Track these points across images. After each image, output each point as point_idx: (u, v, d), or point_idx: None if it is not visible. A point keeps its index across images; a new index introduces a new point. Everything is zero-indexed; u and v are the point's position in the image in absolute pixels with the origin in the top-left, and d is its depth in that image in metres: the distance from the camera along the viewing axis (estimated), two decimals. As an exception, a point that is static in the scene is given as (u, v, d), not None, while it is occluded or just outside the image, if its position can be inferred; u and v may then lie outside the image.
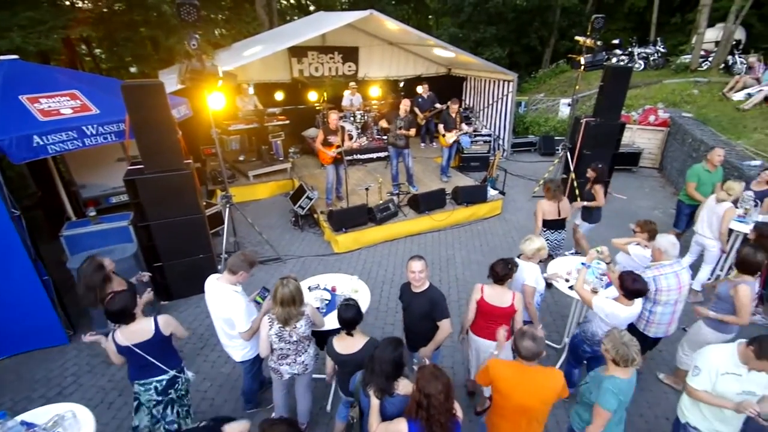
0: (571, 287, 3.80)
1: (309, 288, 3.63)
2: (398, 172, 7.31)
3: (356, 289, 3.60)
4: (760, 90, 8.74)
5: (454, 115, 7.57)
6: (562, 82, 15.18)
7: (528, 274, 3.32)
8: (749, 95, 8.90)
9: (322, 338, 3.04)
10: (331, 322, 3.14)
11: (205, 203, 6.11)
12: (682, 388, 2.59)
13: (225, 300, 2.99)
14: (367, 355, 2.39)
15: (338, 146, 6.09)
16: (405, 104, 6.77)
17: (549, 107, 12.60)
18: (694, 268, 4.96)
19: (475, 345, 3.25)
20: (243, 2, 13.71)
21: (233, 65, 6.26)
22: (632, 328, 3.47)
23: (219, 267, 5.27)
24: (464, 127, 7.82)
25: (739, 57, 12.06)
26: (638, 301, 3.05)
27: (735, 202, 4.71)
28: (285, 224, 7.02)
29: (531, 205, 7.72)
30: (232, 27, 12.19)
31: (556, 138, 10.27)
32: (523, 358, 2.31)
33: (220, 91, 5.00)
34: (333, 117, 6.01)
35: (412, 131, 6.77)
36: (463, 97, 11.19)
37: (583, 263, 3.49)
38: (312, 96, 8.42)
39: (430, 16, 24.62)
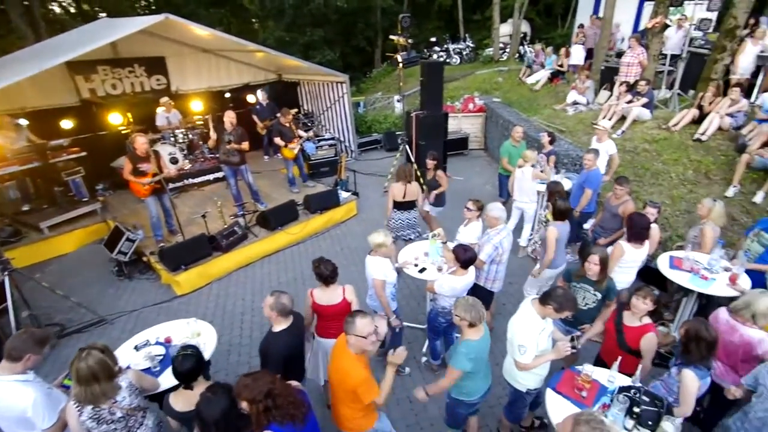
0: (421, 271, 4.25)
1: (135, 347, 3.19)
2: (240, 191, 7.00)
3: (198, 332, 3.31)
4: (544, 74, 11.17)
5: (288, 124, 7.58)
6: (395, 80, 16.64)
7: (375, 268, 3.57)
8: (538, 79, 11.28)
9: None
10: (171, 378, 2.83)
11: (-29, 276, 4.81)
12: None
13: (8, 396, 2.40)
14: (219, 408, 2.22)
15: (154, 174, 5.49)
16: (229, 116, 6.49)
17: (386, 105, 13.71)
18: (518, 229, 6.12)
19: (321, 347, 3.38)
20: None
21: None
22: (479, 289, 4.08)
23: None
24: (302, 133, 7.92)
25: (528, 47, 15.22)
26: (471, 269, 3.60)
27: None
28: (106, 277, 6.06)
29: (385, 201, 8.31)
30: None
31: (397, 133, 11.24)
32: None
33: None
34: (140, 141, 5.37)
35: (245, 144, 6.54)
36: (300, 103, 11.35)
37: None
38: (116, 118, 7.39)
39: (253, 20, 24.23)
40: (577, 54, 10.77)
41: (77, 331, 4.99)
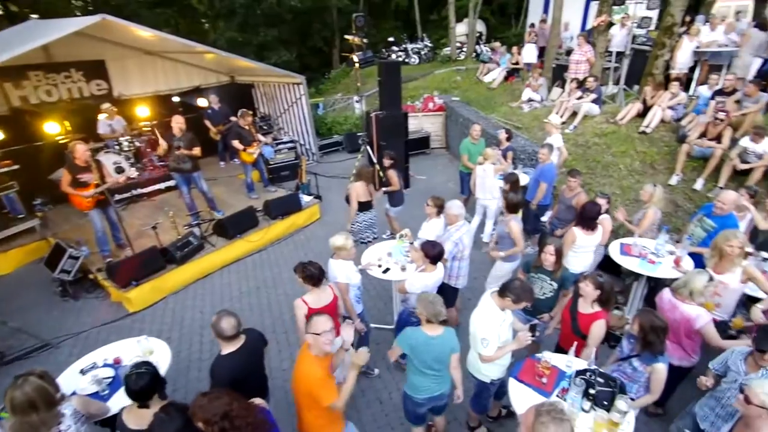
0: (384, 271, 4.29)
1: (81, 371, 3.03)
2: (193, 199, 6.79)
3: (150, 350, 3.19)
4: (500, 71, 11.55)
5: (247, 127, 7.43)
6: (354, 81, 16.68)
7: (338, 271, 3.57)
8: (494, 78, 11.65)
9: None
10: (122, 400, 2.71)
11: None
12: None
13: (-68, 434, 2.22)
14: (173, 429, 2.15)
15: (97, 185, 5.23)
16: (177, 121, 6.27)
17: (346, 106, 13.71)
18: (481, 225, 6.33)
19: None
20: None
21: None
22: (444, 287, 4.16)
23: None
24: (261, 137, 7.78)
25: (483, 46, 15.66)
26: (439, 266, 3.69)
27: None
28: (49, 298, 5.71)
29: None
30: None
31: (358, 134, 11.25)
32: None
33: None
34: (81, 149, 5.10)
35: (196, 150, 6.35)
36: (256, 105, 11.13)
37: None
38: (52, 127, 6.95)
39: (203, 20, 23.56)
40: (530, 53, 11.19)
41: (19, 358, 4.67)
